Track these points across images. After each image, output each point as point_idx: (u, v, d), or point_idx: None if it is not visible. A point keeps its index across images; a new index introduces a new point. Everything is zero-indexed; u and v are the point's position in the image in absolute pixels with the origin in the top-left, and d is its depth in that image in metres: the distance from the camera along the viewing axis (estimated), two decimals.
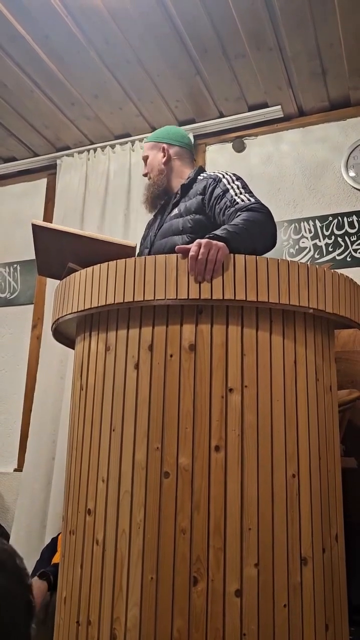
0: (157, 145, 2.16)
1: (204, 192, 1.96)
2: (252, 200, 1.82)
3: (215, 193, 1.91)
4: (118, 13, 2.57)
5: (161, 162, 2.13)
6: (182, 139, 2.19)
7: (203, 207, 1.95)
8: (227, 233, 1.55)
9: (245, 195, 1.85)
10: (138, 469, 1.38)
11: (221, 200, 1.88)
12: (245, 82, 3.00)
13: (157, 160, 2.14)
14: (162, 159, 2.13)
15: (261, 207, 1.78)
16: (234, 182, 1.91)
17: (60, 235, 1.72)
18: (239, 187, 1.89)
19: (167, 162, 2.13)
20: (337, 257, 2.98)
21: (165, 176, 2.12)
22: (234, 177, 1.94)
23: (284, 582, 1.33)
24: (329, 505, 1.47)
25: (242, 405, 1.37)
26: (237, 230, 1.59)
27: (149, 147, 2.18)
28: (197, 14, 2.55)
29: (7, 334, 3.71)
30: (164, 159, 2.12)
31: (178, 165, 2.14)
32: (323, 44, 2.71)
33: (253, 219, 1.69)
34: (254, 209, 1.76)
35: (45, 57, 2.85)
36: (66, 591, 1.50)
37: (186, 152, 2.18)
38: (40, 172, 3.85)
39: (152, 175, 2.14)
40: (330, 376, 1.57)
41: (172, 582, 1.30)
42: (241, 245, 1.55)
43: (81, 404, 1.58)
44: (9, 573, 0.72)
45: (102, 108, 3.24)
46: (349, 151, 3.07)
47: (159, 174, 2.12)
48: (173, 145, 2.15)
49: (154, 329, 1.44)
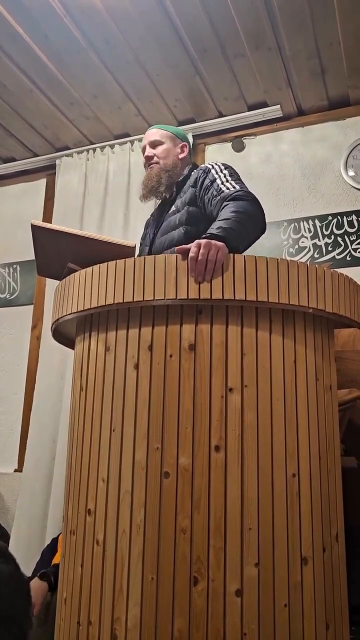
0: (176, 140, 2.18)
1: (195, 184, 1.98)
2: (237, 188, 1.80)
3: (205, 184, 1.93)
4: (117, 13, 2.57)
5: (178, 156, 2.15)
6: (189, 144, 2.25)
7: (195, 199, 1.96)
8: (223, 231, 1.53)
9: (230, 183, 1.84)
10: (138, 469, 1.38)
11: (209, 191, 1.89)
12: (245, 82, 3.00)
13: (175, 153, 2.15)
14: (179, 154, 2.16)
15: (246, 194, 1.76)
16: (221, 172, 1.92)
17: (60, 235, 1.71)
18: (226, 175, 1.89)
19: (183, 160, 2.16)
20: (337, 257, 2.98)
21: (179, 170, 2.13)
22: (223, 167, 1.95)
23: (285, 581, 1.33)
24: (329, 505, 1.47)
25: (242, 404, 1.37)
26: (232, 226, 1.58)
27: (165, 136, 2.17)
28: (197, 13, 2.55)
29: (7, 334, 3.71)
30: (182, 155, 2.16)
31: (184, 165, 2.17)
32: (322, 43, 2.71)
33: (243, 210, 1.67)
34: (240, 197, 1.74)
35: (45, 58, 2.85)
36: (67, 591, 1.50)
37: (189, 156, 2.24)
38: (40, 172, 3.85)
39: (166, 162, 2.13)
40: (330, 375, 1.57)
41: (173, 582, 1.30)
42: (239, 240, 1.55)
43: (81, 404, 1.58)
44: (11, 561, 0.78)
45: (102, 108, 3.24)
46: (349, 150, 3.07)
47: (174, 166, 2.13)
48: (188, 146, 2.20)
49: (154, 329, 1.44)
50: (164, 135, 2.17)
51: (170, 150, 2.15)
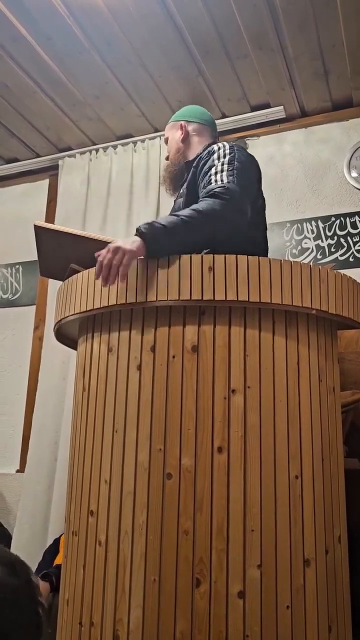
0: (176, 124, 2.08)
1: (197, 164, 1.84)
2: (222, 182, 1.63)
3: (204, 168, 1.77)
4: (120, 14, 2.57)
5: (179, 140, 2.04)
6: (202, 115, 2.09)
7: (196, 183, 1.81)
8: (150, 229, 1.43)
9: (222, 174, 1.67)
10: (140, 470, 1.38)
11: (204, 177, 1.73)
12: (248, 83, 3.00)
13: (175, 139, 2.05)
14: (179, 136, 2.04)
15: (224, 191, 1.57)
16: (223, 157, 1.74)
17: (62, 236, 1.71)
18: (224, 163, 1.71)
19: (184, 139, 2.03)
20: (340, 258, 2.98)
21: (182, 154, 2.03)
22: (227, 152, 1.76)
23: (287, 583, 1.32)
24: (332, 507, 1.46)
25: (245, 406, 1.37)
26: (169, 226, 1.44)
27: (168, 128, 2.11)
28: (199, 14, 2.54)
29: (9, 335, 3.71)
30: (181, 137, 2.03)
31: (196, 141, 2.02)
32: (325, 44, 2.70)
33: (205, 210, 1.51)
34: (216, 194, 1.56)
35: (47, 58, 2.85)
36: (69, 592, 1.50)
37: (206, 129, 2.06)
38: (42, 173, 3.85)
39: (171, 155, 2.06)
40: (333, 377, 1.57)
41: (175, 583, 1.30)
42: (170, 241, 1.43)
43: (83, 405, 1.58)
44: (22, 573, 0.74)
45: (104, 109, 3.23)
46: (352, 152, 3.07)
47: (177, 152, 2.04)
48: (191, 122, 2.06)
49: (157, 330, 1.44)
50: (167, 128, 2.12)
51: (171, 140, 2.07)
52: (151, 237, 1.43)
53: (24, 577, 0.74)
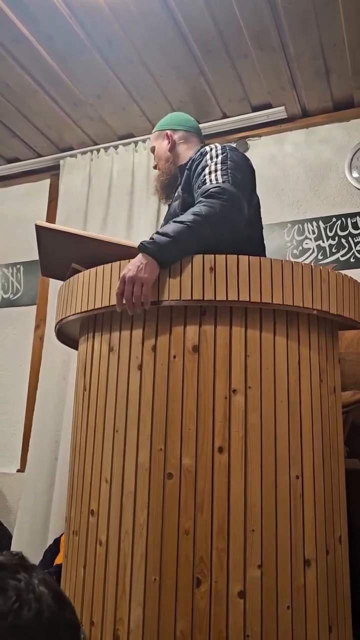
0: (161, 133, 2.08)
1: (191, 166, 1.84)
2: (217, 182, 1.63)
3: (197, 170, 1.77)
4: (121, 14, 2.57)
5: (166, 150, 2.04)
6: (187, 122, 2.10)
7: (190, 184, 1.82)
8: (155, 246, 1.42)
9: (216, 174, 1.67)
10: (141, 470, 1.38)
11: (198, 178, 1.73)
12: (249, 83, 3.00)
13: (162, 149, 2.06)
14: (167, 146, 2.04)
15: (221, 191, 1.57)
16: (215, 157, 1.74)
17: (64, 236, 1.71)
18: (217, 163, 1.71)
19: (172, 149, 2.03)
20: (341, 258, 2.98)
21: (172, 163, 2.04)
22: (219, 152, 1.76)
23: (288, 583, 1.32)
24: (333, 507, 1.46)
25: (246, 406, 1.37)
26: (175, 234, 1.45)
27: (154, 138, 2.11)
28: (201, 14, 2.54)
29: (10, 335, 3.71)
30: (168, 146, 2.04)
31: (184, 149, 2.03)
32: (327, 43, 2.70)
33: (205, 212, 1.51)
34: (212, 195, 1.56)
35: (49, 58, 2.85)
36: (69, 592, 1.50)
37: (192, 135, 2.07)
38: (44, 172, 3.85)
39: (160, 164, 2.07)
40: (334, 377, 1.57)
41: (175, 583, 1.30)
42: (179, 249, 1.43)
43: (84, 404, 1.58)
44: (70, 608, 0.72)
45: (105, 108, 3.24)
46: (353, 152, 3.07)
47: (166, 161, 2.04)
48: (177, 130, 2.06)
49: (158, 329, 1.44)
50: (153, 137, 2.12)
51: (159, 150, 2.08)
52: (160, 252, 1.42)
53: (70, 608, 0.71)
